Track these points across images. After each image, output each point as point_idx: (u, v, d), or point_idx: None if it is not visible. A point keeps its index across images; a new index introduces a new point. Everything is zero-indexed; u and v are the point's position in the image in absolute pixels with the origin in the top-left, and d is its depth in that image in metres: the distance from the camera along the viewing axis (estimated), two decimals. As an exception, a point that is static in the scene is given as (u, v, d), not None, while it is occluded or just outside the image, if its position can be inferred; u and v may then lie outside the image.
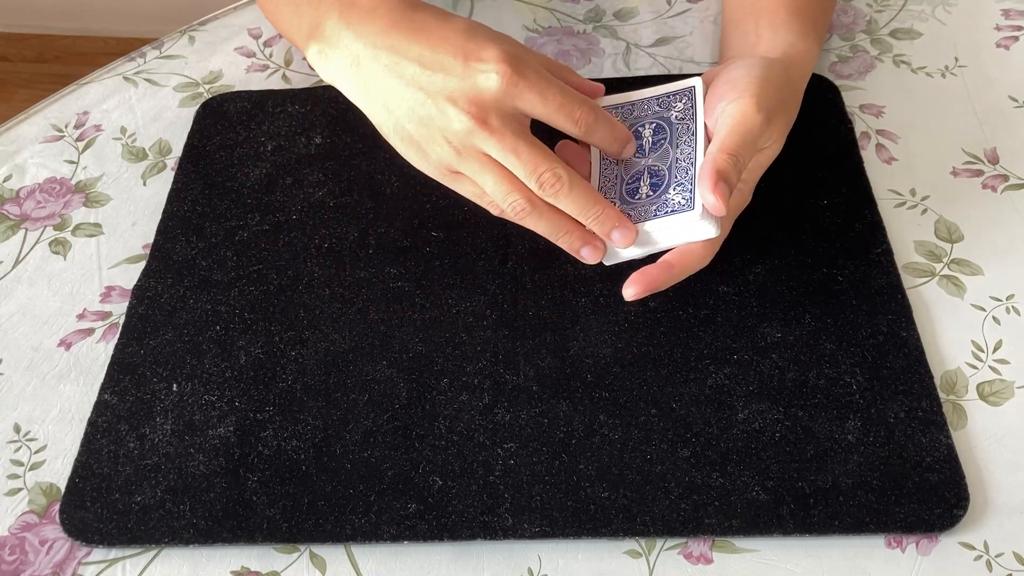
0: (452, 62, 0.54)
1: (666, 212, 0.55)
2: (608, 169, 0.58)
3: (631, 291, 0.55)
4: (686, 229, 0.55)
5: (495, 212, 0.56)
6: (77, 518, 0.53)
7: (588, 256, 0.56)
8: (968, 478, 0.52)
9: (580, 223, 0.55)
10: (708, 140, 0.56)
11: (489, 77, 0.53)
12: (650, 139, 0.57)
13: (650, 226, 0.55)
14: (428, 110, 0.54)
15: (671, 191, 0.55)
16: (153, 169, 0.71)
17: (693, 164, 0.55)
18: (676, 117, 0.58)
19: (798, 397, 0.55)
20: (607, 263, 0.58)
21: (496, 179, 0.54)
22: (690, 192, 0.55)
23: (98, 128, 0.74)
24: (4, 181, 0.70)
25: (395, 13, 0.56)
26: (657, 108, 0.59)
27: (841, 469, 0.52)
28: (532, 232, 0.59)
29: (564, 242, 0.56)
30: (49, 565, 0.52)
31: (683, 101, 0.58)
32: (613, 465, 0.53)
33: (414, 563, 0.51)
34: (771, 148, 0.58)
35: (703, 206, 0.54)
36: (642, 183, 0.56)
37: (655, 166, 0.56)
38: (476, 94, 0.53)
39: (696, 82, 0.59)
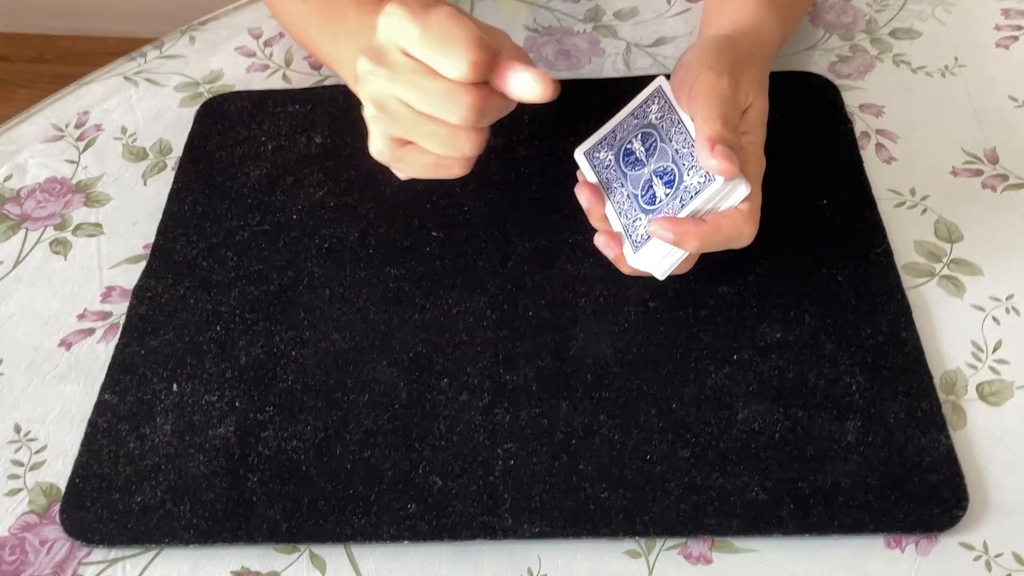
0: (369, 26, 0.51)
1: (692, 196, 0.54)
2: (616, 193, 0.57)
3: (654, 227, 0.53)
4: (718, 199, 0.54)
5: (456, 171, 0.52)
6: (77, 518, 0.53)
7: None
8: (968, 478, 0.52)
9: None
10: None
11: (381, 20, 0.50)
12: (643, 149, 0.57)
13: (685, 212, 0.54)
14: (358, 81, 0.52)
15: (687, 178, 0.55)
16: (153, 169, 0.71)
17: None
18: (656, 118, 0.57)
19: (798, 397, 0.55)
20: (660, 275, 0.56)
21: (430, 129, 0.50)
22: (706, 170, 0.54)
23: (98, 128, 0.74)
24: (4, 181, 0.70)
25: None
26: (635, 120, 0.58)
27: (841, 469, 0.52)
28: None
29: None
30: (49, 565, 0.52)
31: (656, 103, 0.58)
32: (613, 465, 0.53)
33: (414, 563, 0.51)
34: (755, 104, 0.58)
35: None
36: (655, 187, 0.56)
37: (660, 167, 0.56)
38: (371, 41, 0.51)
39: (660, 81, 0.59)
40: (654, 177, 0.56)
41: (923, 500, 0.51)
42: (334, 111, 0.72)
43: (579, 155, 0.59)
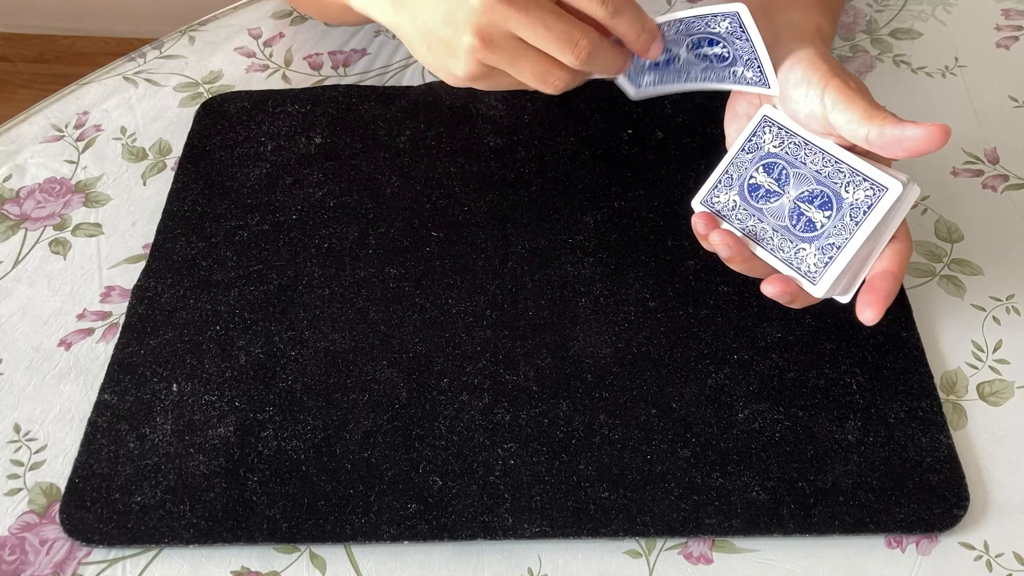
0: None
1: (864, 212, 0.51)
2: (759, 231, 0.54)
3: (870, 314, 0.51)
4: (893, 206, 0.51)
5: (548, 89, 0.54)
6: (77, 518, 0.53)
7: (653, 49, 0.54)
8: (968, 478, 0.52)
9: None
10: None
11: None
12: (771, 180, 0.54)
13: (862, 230, 0.51)
14: (452, 2, 0.53)
15: (848, 195, 0.52)
16: (153, 169, 0.71)
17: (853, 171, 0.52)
18: (775, 146, 0.54)
19: (798, 397, 0.55)
20: (846, 299, 0.53)
21: (532, 65, 0.53)
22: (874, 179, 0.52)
23: (98, 128, 0.74)
24: (4, 181, 0.70)
25: None
26: (749, 155, 0.55)
27: (841, 469, 0.52)
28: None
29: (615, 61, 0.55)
30: (49, 565, 0.52)
31: (769, 131, 0.55)
32: (613, 465, 0.53)
33: (414, 563, 0.51)
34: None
35: (900, 181, 0.51)
36: (807, 213, 0.52)
37: (803, 192, 0.53)
38: None
39: (765, 108, 0.56)
40: (800, 204, 0.53)
41: (924, 500, 0.51)
42: (334, 111, 0.72)
43: (696, 204, 0.56)
